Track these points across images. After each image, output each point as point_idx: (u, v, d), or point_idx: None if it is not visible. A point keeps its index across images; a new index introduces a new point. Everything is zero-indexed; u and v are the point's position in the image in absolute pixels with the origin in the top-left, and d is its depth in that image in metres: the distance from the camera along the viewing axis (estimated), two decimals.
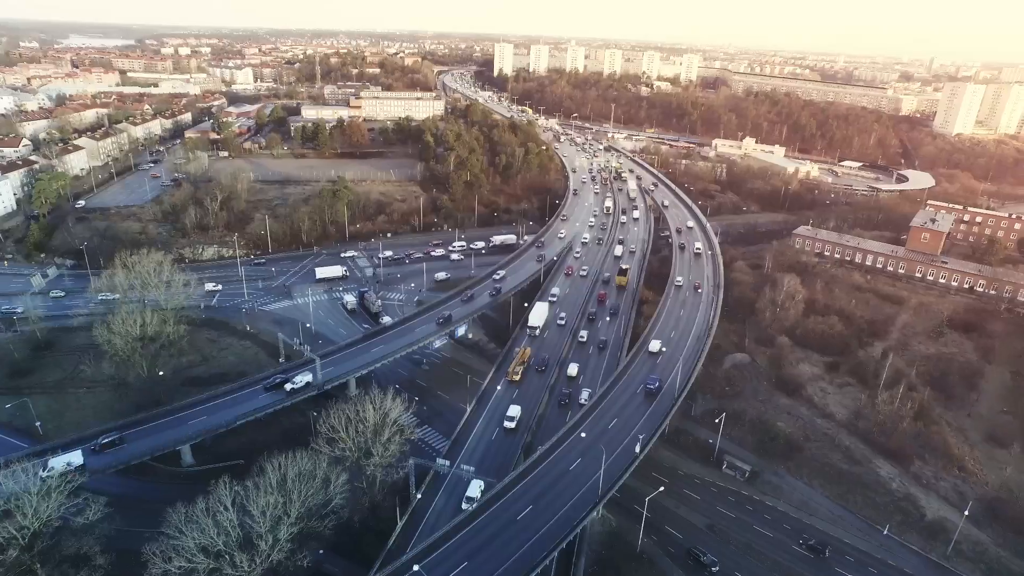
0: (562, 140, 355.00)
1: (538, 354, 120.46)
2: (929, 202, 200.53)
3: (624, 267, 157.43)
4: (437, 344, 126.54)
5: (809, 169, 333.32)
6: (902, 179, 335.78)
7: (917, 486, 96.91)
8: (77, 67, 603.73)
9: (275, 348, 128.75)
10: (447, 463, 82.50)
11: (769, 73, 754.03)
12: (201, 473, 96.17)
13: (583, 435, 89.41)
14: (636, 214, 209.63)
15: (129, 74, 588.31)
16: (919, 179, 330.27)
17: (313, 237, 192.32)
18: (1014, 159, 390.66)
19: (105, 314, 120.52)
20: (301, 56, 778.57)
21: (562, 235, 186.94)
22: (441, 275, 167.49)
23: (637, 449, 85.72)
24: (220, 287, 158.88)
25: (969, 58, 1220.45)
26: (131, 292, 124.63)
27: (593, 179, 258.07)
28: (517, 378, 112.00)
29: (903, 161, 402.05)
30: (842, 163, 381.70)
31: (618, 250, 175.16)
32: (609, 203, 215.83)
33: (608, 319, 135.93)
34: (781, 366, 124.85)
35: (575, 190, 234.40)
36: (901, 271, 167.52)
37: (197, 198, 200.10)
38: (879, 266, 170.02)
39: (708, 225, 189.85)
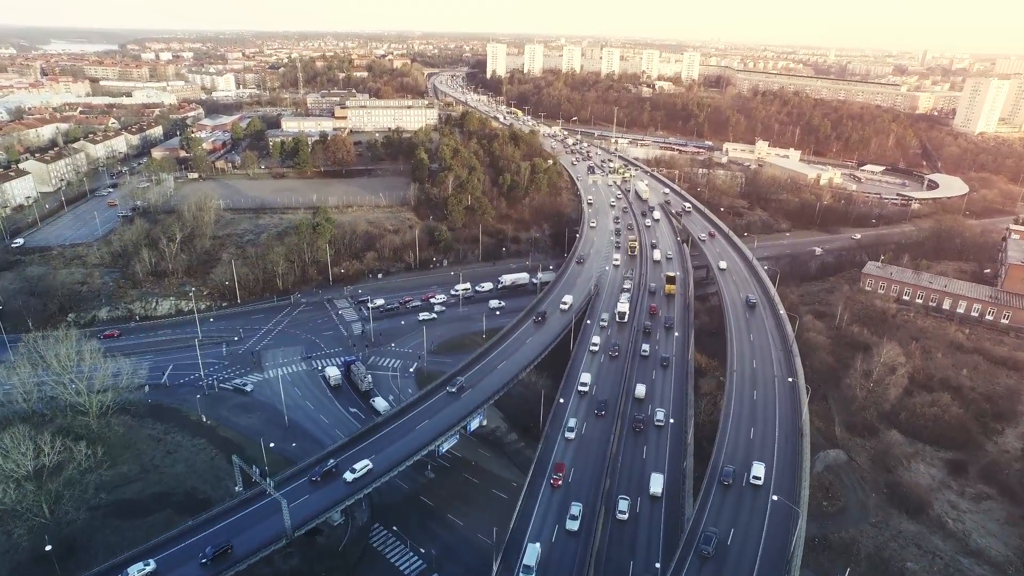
0: (596, 172, 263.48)
1: None
2: (1011, 228, 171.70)
3: (670, 275, 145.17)
4: (445, 447, 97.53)
5: (832, 176, 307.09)
6: (932, 185, 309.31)
7: None
8: (46, 75, 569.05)
9: (237, 446, 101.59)
10: None
11: (764, 69, 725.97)
12: None
13: None
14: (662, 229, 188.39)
15: (102, 82, 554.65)
16: (950, 185, 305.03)
17: (290, 282, 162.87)
18: None
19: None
20: (286, 60, 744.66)
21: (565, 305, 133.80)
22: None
23: None
24: None
25: (959, 51, 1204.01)
26: (40, 387, 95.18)
27: (617, 233, 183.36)
28: None
29: (924, 163, 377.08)
30: (863, 167, 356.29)
31: (656, 255, 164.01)
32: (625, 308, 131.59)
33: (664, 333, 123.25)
34: (890, 467, 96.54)
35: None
36: (1004, 321, 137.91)
37: (152, 237, 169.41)
38: (974, 314, 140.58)
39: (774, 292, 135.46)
